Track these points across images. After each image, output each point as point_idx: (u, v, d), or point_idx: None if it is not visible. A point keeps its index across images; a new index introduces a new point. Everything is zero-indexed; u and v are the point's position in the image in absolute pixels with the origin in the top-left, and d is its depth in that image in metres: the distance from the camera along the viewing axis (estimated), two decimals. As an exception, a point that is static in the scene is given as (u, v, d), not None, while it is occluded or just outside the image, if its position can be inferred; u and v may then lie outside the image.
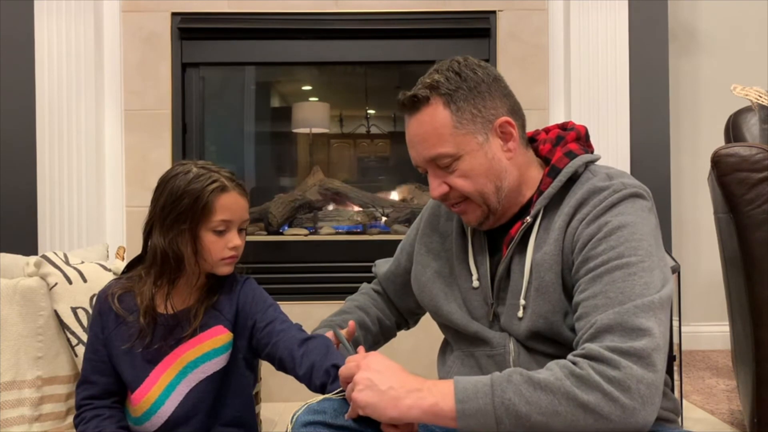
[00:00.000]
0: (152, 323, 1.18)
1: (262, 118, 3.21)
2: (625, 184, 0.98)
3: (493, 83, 1.04)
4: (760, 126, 1.83)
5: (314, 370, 1.08)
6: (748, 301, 1.48)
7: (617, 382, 0.81)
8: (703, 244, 2.47)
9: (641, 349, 0.83)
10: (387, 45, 2.54)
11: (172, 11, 2.47)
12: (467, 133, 1.01)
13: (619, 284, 0.89)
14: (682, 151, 2.78)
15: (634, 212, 0.95)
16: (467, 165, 1.01)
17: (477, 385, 0.85)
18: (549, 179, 1.03)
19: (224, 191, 1.16)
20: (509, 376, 0.85)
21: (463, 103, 1.01)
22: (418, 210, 2.71)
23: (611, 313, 0.87)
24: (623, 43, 2.46)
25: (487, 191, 1.02)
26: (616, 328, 0.85)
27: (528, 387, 0.83)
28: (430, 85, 1.02)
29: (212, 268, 1.19)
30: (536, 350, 1.00)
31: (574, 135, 1.08)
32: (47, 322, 1.59)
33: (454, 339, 1.13)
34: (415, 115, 1.03)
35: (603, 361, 0.83)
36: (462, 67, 1.03)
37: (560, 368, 0.85)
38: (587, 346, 0.86)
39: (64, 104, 2.35)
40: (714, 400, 2.07)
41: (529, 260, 1.00)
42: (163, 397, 1.18)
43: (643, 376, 0.82)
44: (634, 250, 0.91)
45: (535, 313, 0.98)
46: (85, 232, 2.36)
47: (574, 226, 0.97)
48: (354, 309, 1.30)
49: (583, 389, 0.82)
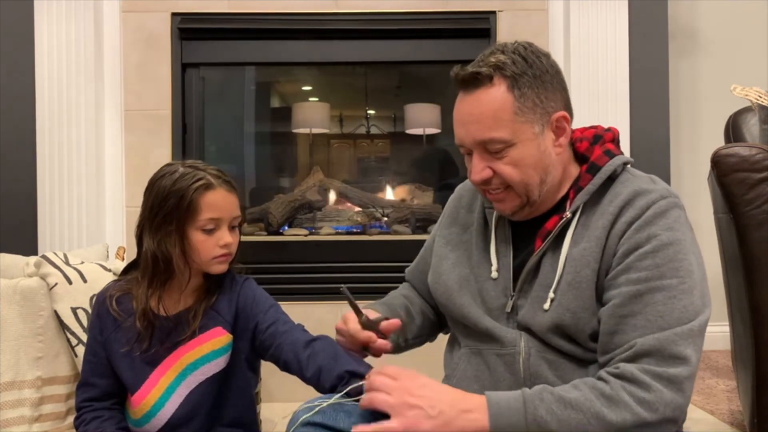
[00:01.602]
0: (150, 326, 1.18)
1: (262, 118, 3.21)
2: (669, 191, 0.98)
3: (556, 75, 1.01)
4: (760, 126, 1.83)
5: (323, 373, 1.07)
6: (748, 301, 1.48)
7: (647, 403, 0.85)
8: (703, 244, 2.45)
9: (675, 375, 0.87)
10: (387, 45, 2.54)
11: (172, 11, 2.46)
12: (526, 121, 0.97)
13: (660, 307, 0.90)
14: (682, 151, 2.77)
15: (680, 227, 0.96)
16: (519, 154, 0.98)
17: (510, 401, 0.87)
18: (588, 176, 1.01)
19: (209, 189, 1.15)
20: (540, 394, 0.87)
21: (527, 89, 0.97)
22: (418, 210, 2.72)
23: (651, 338, 0.89)
24: (623, 43, 2.46)
25: (531, 183, 1.00)
26: (655, 354, 0.88)
27: (559, 405, 0.86)
28: (494, 65, 0.97)
29: (205, 268, 1.18)
30: (551, 346, 1.00)
31: (611, 136, 1.07)
32: (47, 323, 1.59)
33: (463, 335, 1.11)
34: (473, 93, 0.99)
35: (635, 382, 0.86)
36: (528, 53, 0.99)
37: (589, 388, 0.88)
38: (622, 366, 0.88)
39: (64, 104, 2.35)
40: (714, 400, 2.07)
41: (564, 254, 0.99)
42: (163, 399, 1.18)
43: (672, 400, 0.86)
44: (677, 270, 0.92)
45: (563, 306, 0.97)
46: (85, 232, 2.36)
47: (620, 228, 0.96)
48: (398, 296, 1.27)
49: (612, 409, 0.85)
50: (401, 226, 2.67)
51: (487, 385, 1.04)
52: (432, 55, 2.52)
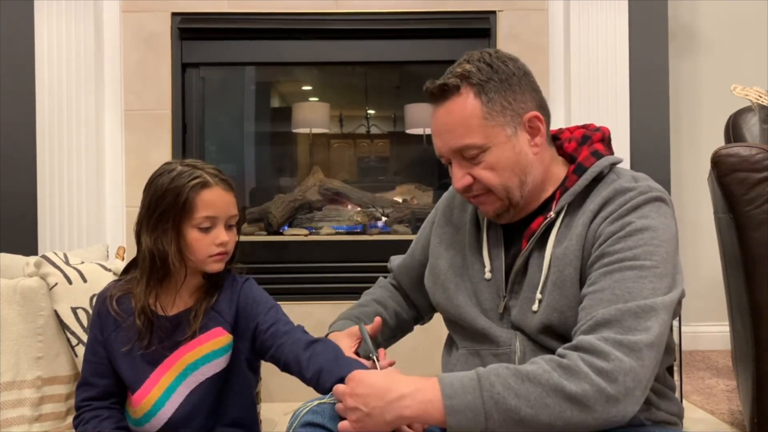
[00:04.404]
0: (149, 323, 1.18)
1: (262, 118, 3.21)
2: (651, 186, 0.98)
3: (524, 77, 1.03)
4: (760, 126, 1.83)
5: (323, 374, 1.07)
6: (748, 301, 1.48)
7: (605, 373, 0.82)
8: (703, 244, 2.47)
9: (635, 342, 0.84)
10: (387, 45, 2.54)
11: (172, 11, 2.46)
12: (496, 125, 1.00)
13: (629, 284, 0.89)
14: (682, 151, 2.78)
15: (657, 217, 0.95)
16: (494, 157, 1.00)
17: (463, 381, 0.85)
18: (575, 176, 1.02)
19: (206, 187, 1.14)
20: (496, 370, 0.85)
21: (494, 94, 1.00)
22: (418, 210, 2.72)
23: (612, 309, 0.87)
24: (623, 43, 2.46)
25: (511, 185, 1.01)
26: (614, 323, 0.86)
27: (516, 380, 0.83)
28: (461, 74, 1.00)
29: (201, 266, 1.18)
30: (544, 346, 1.00)
31: (600, 135, 1.07)
32: (47, 322, 1.59)
33: (459, 337, 1.12)
34: (443, 104, 1.02)
35: (593, 352, 0.84)
36: (493, 59, 1.02)
37: (546, 362, 0.86)
38: (580, 338, 0.87)
39: (64, 104, 2.35)
40: (714, 400, 2.07)
41: (548, 254, 1.00)
42: (164, 398, 1.18)
43: (631, 368, 0.83)
44: (651, 254, 0.91)
45: (550, 306, 0.98)
46: (85, 232, 2.36)
47: (597, 223, 0.97)
48: (371, 302, 1.29)
49: (570, 380, 0.82)
50: (401, 226, 2.67)
51: None
52: (432, 55, 2.52)
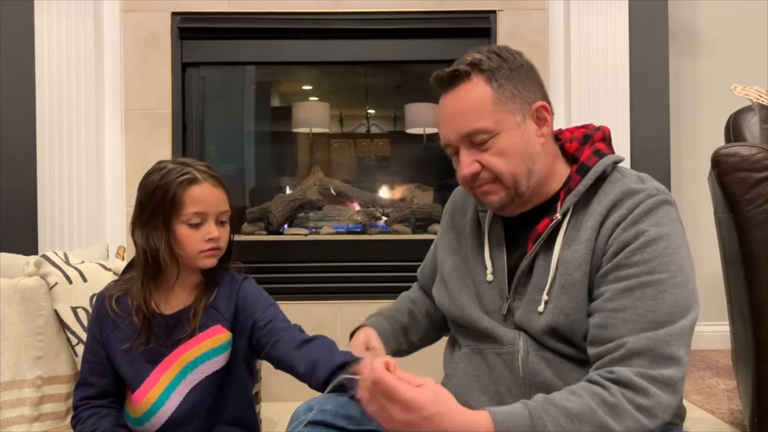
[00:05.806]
0: (147, 321, 1.18)
1: (262, 118, 3.21)
2: (658, 189, 0.99)
3: (531, 70, 1.05)
4: (761, 126, 1.83)
5: (316, 367, 1.07)
6: (748, 301, 1.48)
7: (646, 410, 0.86)
8: (703, 244, 2.47)
9: (669, 377, 0.88)
10: (387, 45, 2.54)
11: (172, 11, 2.47)
12: (506, 111, 1.00)
13: (650, 302, 0.91)
14: (682, 151, 2.78)
15: (669, 222, 0.96)
16: (504, 143, 1.00)
17: (515, 416, 0.85)
18: (578, 177, 1.02)
19: (194, 183, 1.16)
20: (544, 406, 0.86)
21: (505, 81, 1.01)
22: (418, 210, 2.72)
23: (643, 338, 0.89)
24: (623, 43, 2.46)
25: (519, 172, 1.01)
26: (647, 354, 0.88)
27: (565, 419, 0.85)
28: (471, 62, 1.02)
29: (193, 262, 1.19)
30: (548, 348, 1.00)
31: (601, 135, 1.08)
32: (47, 322, 1.59)
33: (463, 336, 1.12)
34: (452, 90, 1.03)
35: (633, 388, 0.87)
36: (502, 50, 1.04)
37: (590, 396, 0.87)
38: (617, 371, 0.88)
39: (64, 104, 2.35)
40: (714, 400, 2.07)
41: (555, 257, 1.00)
42: (164, 397, 1.18)
43: (668, 404, 0.88)
44: (667, 265, 0.92)
45: (557, 308, 0.98)
46: (85, 232, 2.36)
47: (608, 228, 0.97)
48: (404, 298, 1.32)
49: (616, 419, 0.85)
50: (401, 225, 2.67)
51: (486, 384, 1.05)
52: (432, 54, 2.52)
